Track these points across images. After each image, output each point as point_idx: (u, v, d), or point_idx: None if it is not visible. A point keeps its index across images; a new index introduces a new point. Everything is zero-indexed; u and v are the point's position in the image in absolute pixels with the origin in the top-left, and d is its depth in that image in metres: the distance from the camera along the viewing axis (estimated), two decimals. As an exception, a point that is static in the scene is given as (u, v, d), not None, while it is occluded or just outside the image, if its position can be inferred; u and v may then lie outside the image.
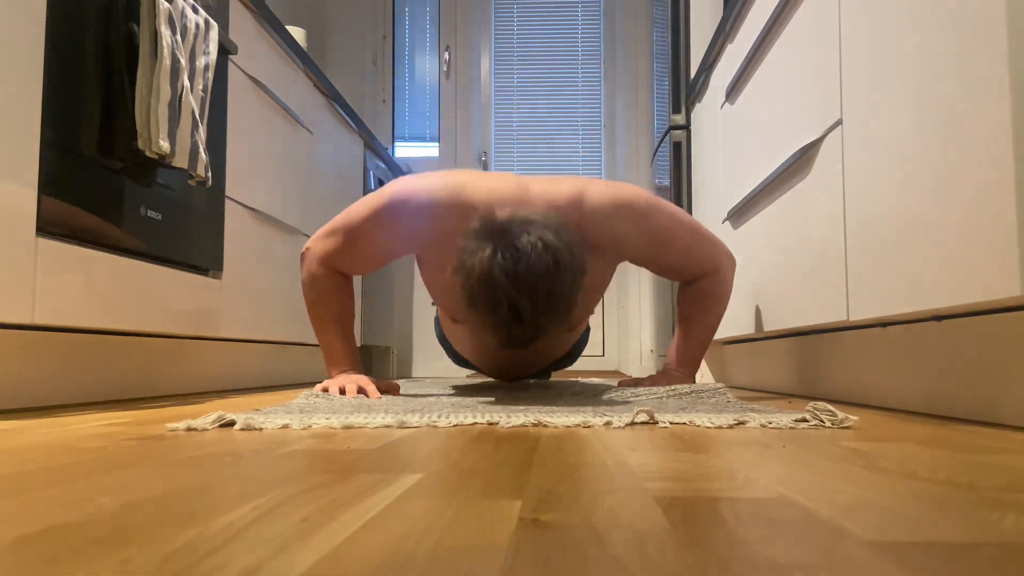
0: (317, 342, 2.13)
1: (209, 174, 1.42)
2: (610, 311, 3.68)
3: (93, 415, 1.00)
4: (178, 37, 1.32)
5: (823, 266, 1.26)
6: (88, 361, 1.26)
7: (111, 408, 1.13)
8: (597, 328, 3.66)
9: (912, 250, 0.95)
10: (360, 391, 1.27)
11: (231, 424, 0.82)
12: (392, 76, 3.81)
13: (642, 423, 0.85)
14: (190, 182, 1.40)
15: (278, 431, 0.79)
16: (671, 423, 0.85)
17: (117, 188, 1.25)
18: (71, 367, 1.22)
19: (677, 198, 2.41)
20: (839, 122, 1.19)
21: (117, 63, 1.24)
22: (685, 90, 2.45)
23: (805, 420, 0.84)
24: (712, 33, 2.41)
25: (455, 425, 0.84)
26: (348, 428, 0.81)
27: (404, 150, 3.82)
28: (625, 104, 3.69)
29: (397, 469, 0.53)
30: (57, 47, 1.11)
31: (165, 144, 1.25)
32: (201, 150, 1.38)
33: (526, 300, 1.08)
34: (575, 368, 3.62)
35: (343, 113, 2.51)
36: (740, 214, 1.82)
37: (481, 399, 1.24)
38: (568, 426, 0.82)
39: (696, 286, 1.45)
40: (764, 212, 1.62)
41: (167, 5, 1.29)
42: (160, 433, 0.77)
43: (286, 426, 0.81)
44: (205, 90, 1.42)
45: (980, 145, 0.79)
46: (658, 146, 2.76)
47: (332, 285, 1.38)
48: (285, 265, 2.03)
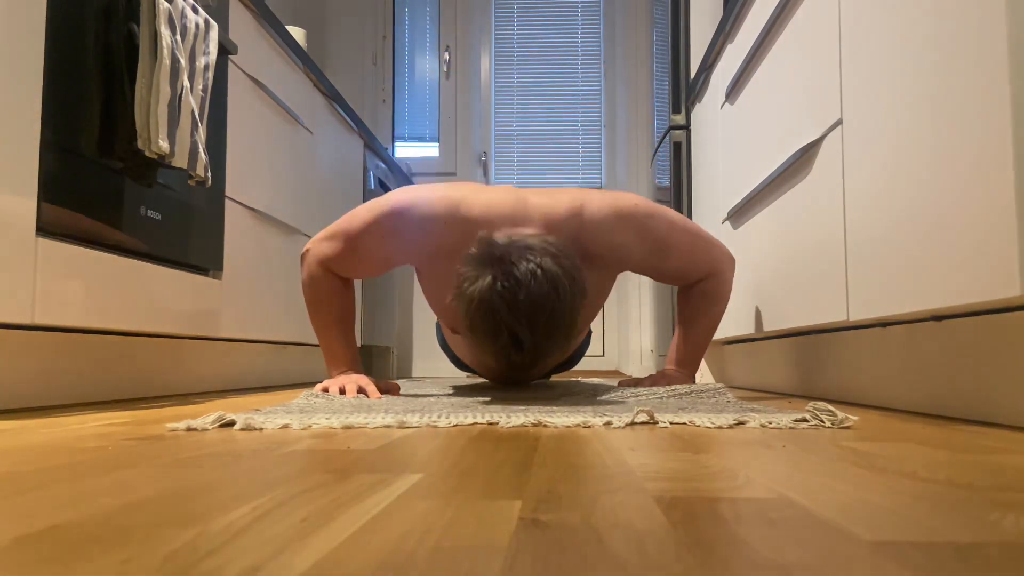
0: (317, 342, 2.14)
1: (209, 174, 1.42)
2: (610, 311, 3.68)
3: (93, 415, 1.00)
4: (178, 37, 1.32)
5: (823, 266, 1.26)
6: (88, 361, 1.26)
7: (111, 408, 1.13)
8: (597, 328, 3.66)
9: (912, 250, 0.95)
10: (360, 391, 1.27)
11: (231, 424, 0.82)
12: (392, 76, 3.81)
13: (642, 423, 0.85)
14: (190, 182, 1.40)
15: (278, 431, 0.79)
16: (671, 423, 0.85)
17: (117, 188, 1.25)
18: (71, 367, 1.22)
19: (677, 198, 2.41)
20: (839, 122, 1.19)
21: (117, 63, 1.24)
22: (685, 90, 2.45)
23: (805, 420, 0.84)
24: (712, 33, 2.41)
25: (455, 425, 0.84)
26: (348, 428, 0.81)
27: (404, 150, 3.82)
28: (625, 104, 3.68)
29: (397, 469, 0.53)
30: (57, 47, 1.11)
31: (165, 144, 1.25)
32: (201, 150, 1.38)
33: (526, 328, 1.09)
34: (575, 368, 3.61)
35: (343, 113, 2.51)
36: (740, 214, 1.82)
37: (481, 399, 1.24)
38: (568, 426, 0.82)
39: (696, 287, 1.46)
40: (764, 212, 1.62)
41: (167, 5, 1.29)
42: (160, 433, 0.77)
43: (286, 426, 0.81)
44: (205, 90, 1.42)
45: (980, 145, 0.79)
46: (658, 146, 2.76)
47: (332, 286, 1.38)
48: (285, 265, 2.02)
